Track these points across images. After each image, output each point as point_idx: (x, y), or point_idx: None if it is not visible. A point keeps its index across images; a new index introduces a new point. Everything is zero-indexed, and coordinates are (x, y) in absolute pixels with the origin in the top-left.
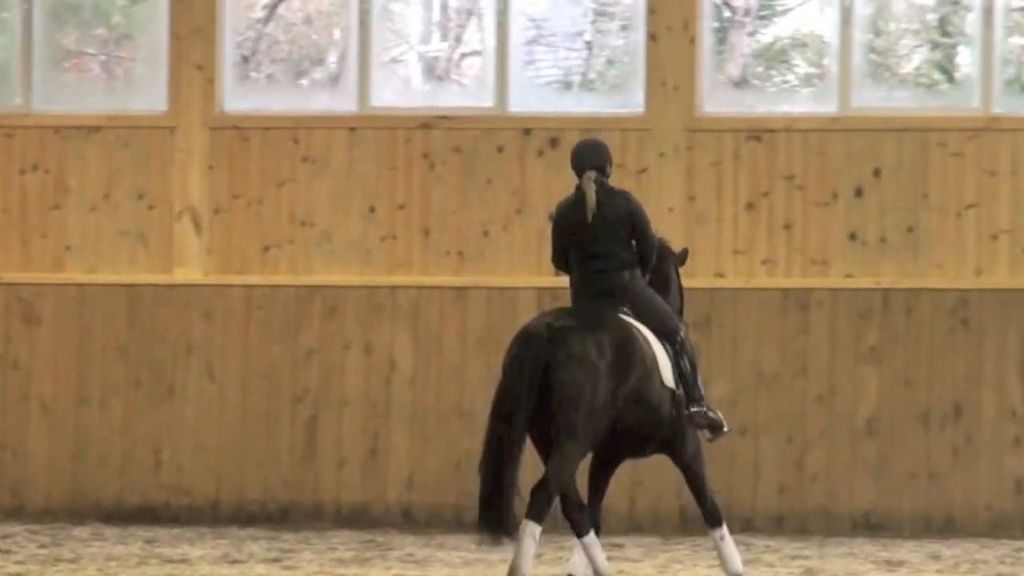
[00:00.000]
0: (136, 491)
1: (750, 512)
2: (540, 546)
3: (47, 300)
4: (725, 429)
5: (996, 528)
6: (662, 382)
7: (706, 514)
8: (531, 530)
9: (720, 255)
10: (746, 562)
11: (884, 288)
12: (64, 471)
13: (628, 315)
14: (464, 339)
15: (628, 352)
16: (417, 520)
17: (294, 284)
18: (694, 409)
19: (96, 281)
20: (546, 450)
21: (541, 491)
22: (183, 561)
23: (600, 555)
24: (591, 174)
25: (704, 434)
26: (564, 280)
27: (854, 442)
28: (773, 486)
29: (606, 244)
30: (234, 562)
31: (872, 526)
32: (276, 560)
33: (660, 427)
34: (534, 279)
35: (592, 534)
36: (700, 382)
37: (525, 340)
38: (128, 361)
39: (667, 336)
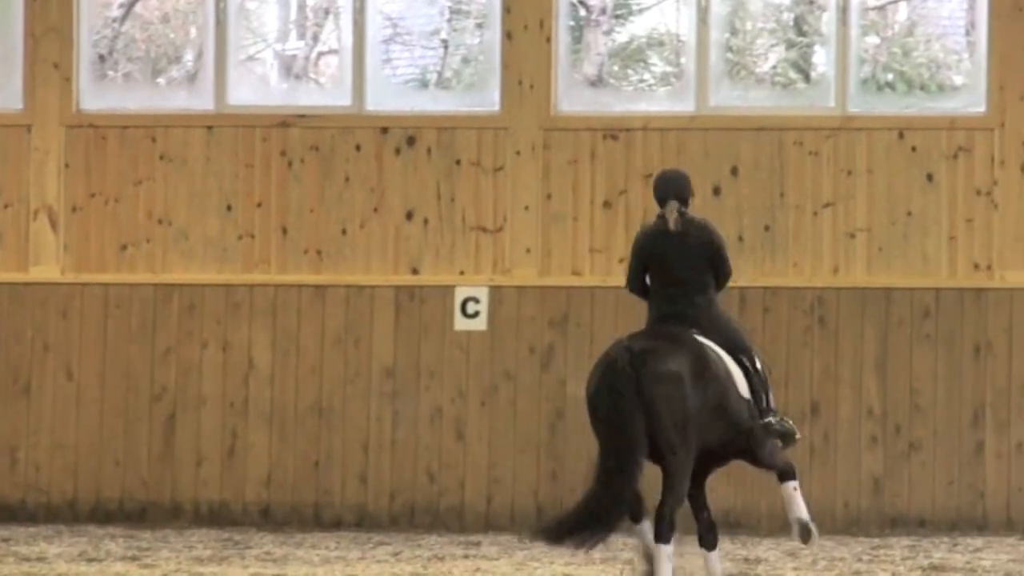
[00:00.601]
0: None
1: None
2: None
3: None
4: (797, 437)
5: (853, 526)
6: (739, 394)
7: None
8: (666, 552)
9: (577, 253)
10: (603, 560)
11: (741, 287)
12: None
13: (699, 335)
14: (322, 337)
15: (704, 367)
16: (276, 518)
17: (152, 282)
18: (767, 420)
19: None
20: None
21: (661, 514)
22: (40, 559)
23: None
24: (674, 203)
25: (778, 444)
26: (421, 279)
27: None
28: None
29: (686, 271)
30: (92, 560)
31: (730, 523)
32: (134, 558)
33: (740, 436)
34: (391, 277)
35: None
36: (772, 395)
37: (608, 367)
38: None
39: (740, 352)
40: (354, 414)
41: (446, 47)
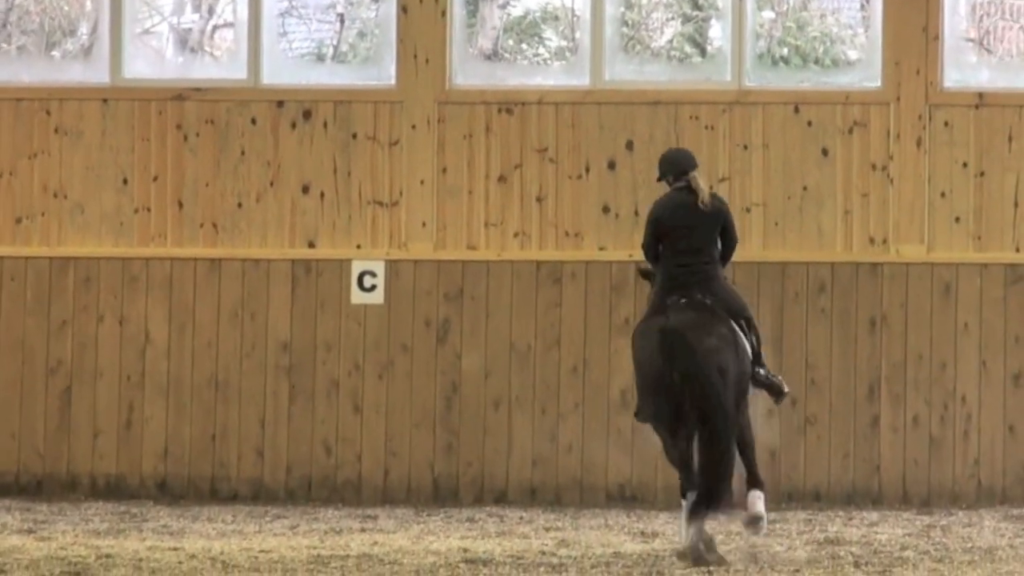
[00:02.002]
0: None
1: (504, 484)
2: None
3: None
4: (786, 390)
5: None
6: (749, 358)
7: (749, 477)
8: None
9: (472, 227)
10: (498, 534)
11: (637, 260)
12: None
13: (717, 305)
14: (218, 310)
15: (735, 340)
16: (172, 491)
17: (47, 255)
18: (758, 370)
19: None
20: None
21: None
22: None
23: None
24: (695, 174)
25: (762, 394)
26: (317, 253)
27: (608, 414)
28: (527, 458)
29: (701, 240)
30: None
31: (626, 498)
32: (30, 531)
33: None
34: (288, 251)
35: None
36: (763, 355)
37: (660, 334)
38: None
39: (741, 315)
40: (250, 388)
41: (342, 21)
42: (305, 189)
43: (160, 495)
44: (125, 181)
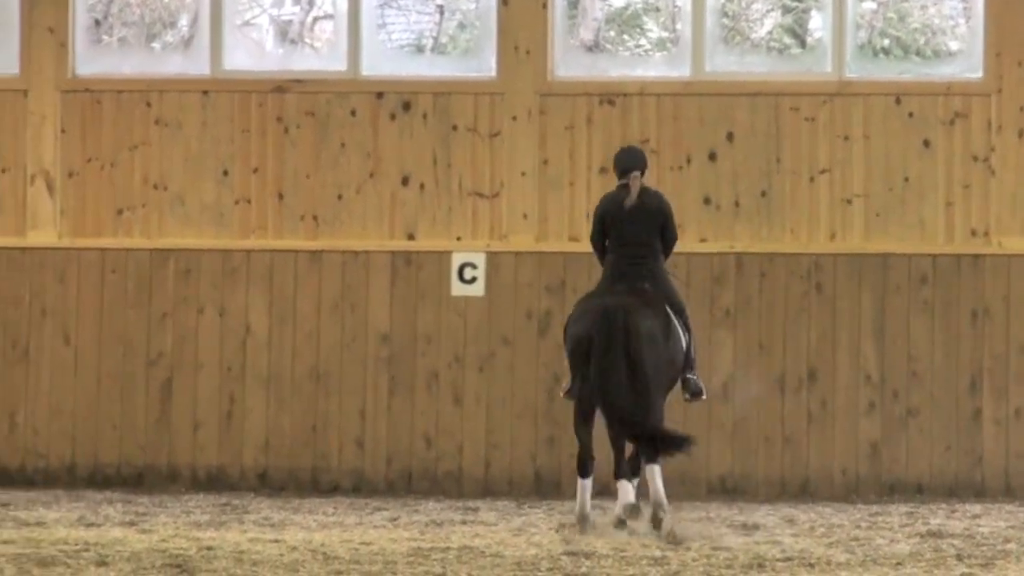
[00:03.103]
0: None
1: (605, 476)
2: None
3: None
4: (704, 397)
5: (851, 492)
6: (682, 348)
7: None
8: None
9: (573, 219)
10: (602, 525)
11: (738, 252)
12: None
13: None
14: (319, 302)
15: (668, 325)
16: (273, 483)
17: (148, 247)
18: (688, 375)
19: None
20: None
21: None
22: (39, 524)
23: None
24: (636, 174)
25: (685, 397)
26: (417, 244)
27: (709, 406)
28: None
29: (641, 234)
30: (90, 525)
31: (728, 490)
32: (132, 523)
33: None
34: (387, 242)
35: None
36: (694, 351)
37: (601, 317)
38: None
39: (678, 311)
40: (351, 379)
41: (442, 12)
42: (405, 181)
43: (261, 487)
44: (225, 173)
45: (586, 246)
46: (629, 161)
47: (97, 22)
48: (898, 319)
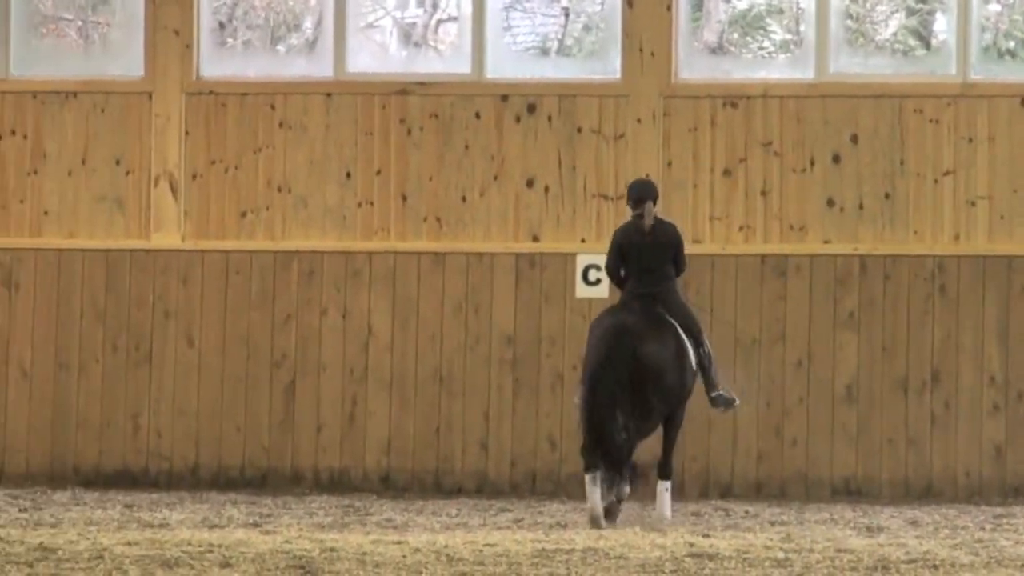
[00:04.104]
0: (115, 456)
1: (729, 478)
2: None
3: (25, 265)
4: (737, 403)
5: (975, 494)
6: (692, 368)
7: (664, 467)
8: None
9: (697, 221)
10: (725, 527)
11: (861, 254)
12: (43, 436)
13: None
14: (442, 304)
15: (680, 349)
16: (396, 485)
17: (271, 249)
18: (715, 394)
19: (74, 246)
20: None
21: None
22: (163, 525)
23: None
24: (649, 204)
25: (721, 410)
26: (541, 246)
27: (833, 408)
28: (752, 452)
29: (655, 261)
30: (214, 526)
31: (851, 492)
32: (256, 525)
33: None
34: (511, 245)
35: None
36: (715, 370)
37: (614, 334)
38: (107, 326)
39: (692, 332)
40: (474, 381)
41: (567, 15)
42: (529, 183)
43: (384, 489)
44: (349, 175)
45: (709, 247)
46: (642, 192)
47: (222, 24)
48: (1022, 321)
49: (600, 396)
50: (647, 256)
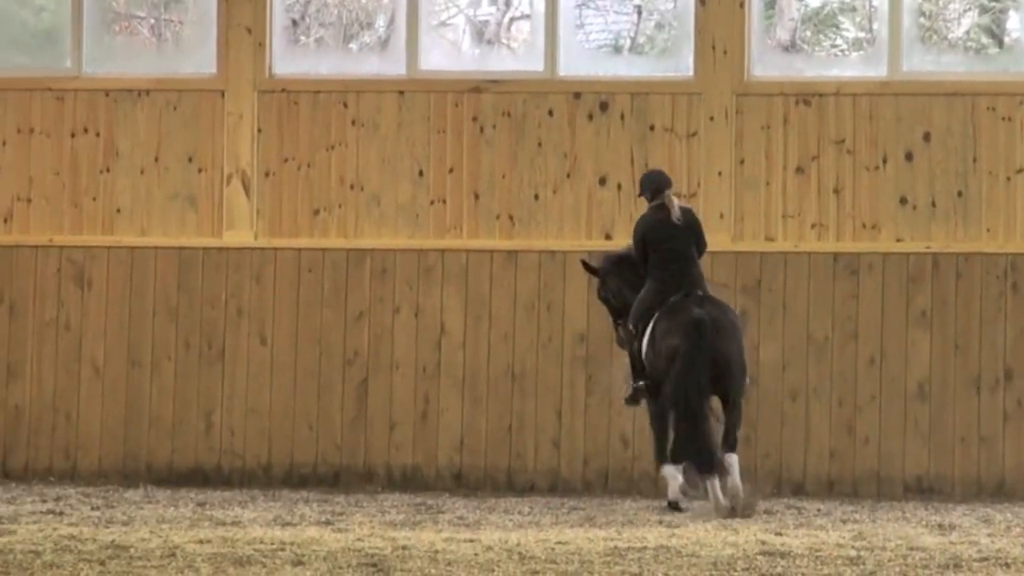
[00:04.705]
0: (188, 454)
1: (801, 476)
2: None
3: (98, 263)
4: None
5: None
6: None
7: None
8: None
9: (769, 219)
10: (797, 525)
11: (934, 252)
12: (116, 434)
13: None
14: (514, 302)
15: (737, 326)
16: (468, 483)
17: (344, 247)
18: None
19: (147, 244)
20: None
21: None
22: (235, 523)
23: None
24: (669, 193)
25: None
26: (612, 244)
27: (905, 406)
28: (824, 450)
29: (685, 246)
30: (286, 524)
31: (924, 490)
32: (328, 523)
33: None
34: (584, 242)
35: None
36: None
37: (695, 327)
38: (179, 324)
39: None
40: (547, 379)
41: (639, 12)
42: (602, 181)
43: (456, 486)
44: (421, 173)
45: (782, 245)
46: (659, 182)
47: (294, 22)
48: None
49: (691, 392)
50: (677, 243)
